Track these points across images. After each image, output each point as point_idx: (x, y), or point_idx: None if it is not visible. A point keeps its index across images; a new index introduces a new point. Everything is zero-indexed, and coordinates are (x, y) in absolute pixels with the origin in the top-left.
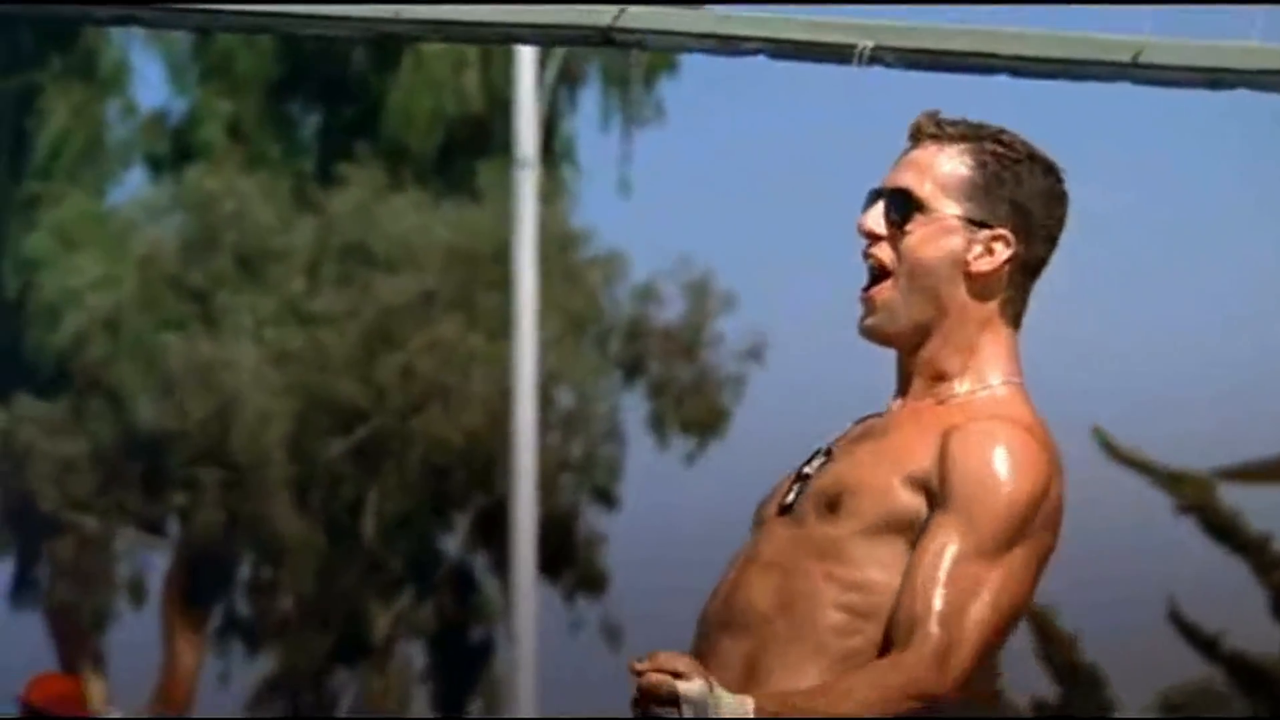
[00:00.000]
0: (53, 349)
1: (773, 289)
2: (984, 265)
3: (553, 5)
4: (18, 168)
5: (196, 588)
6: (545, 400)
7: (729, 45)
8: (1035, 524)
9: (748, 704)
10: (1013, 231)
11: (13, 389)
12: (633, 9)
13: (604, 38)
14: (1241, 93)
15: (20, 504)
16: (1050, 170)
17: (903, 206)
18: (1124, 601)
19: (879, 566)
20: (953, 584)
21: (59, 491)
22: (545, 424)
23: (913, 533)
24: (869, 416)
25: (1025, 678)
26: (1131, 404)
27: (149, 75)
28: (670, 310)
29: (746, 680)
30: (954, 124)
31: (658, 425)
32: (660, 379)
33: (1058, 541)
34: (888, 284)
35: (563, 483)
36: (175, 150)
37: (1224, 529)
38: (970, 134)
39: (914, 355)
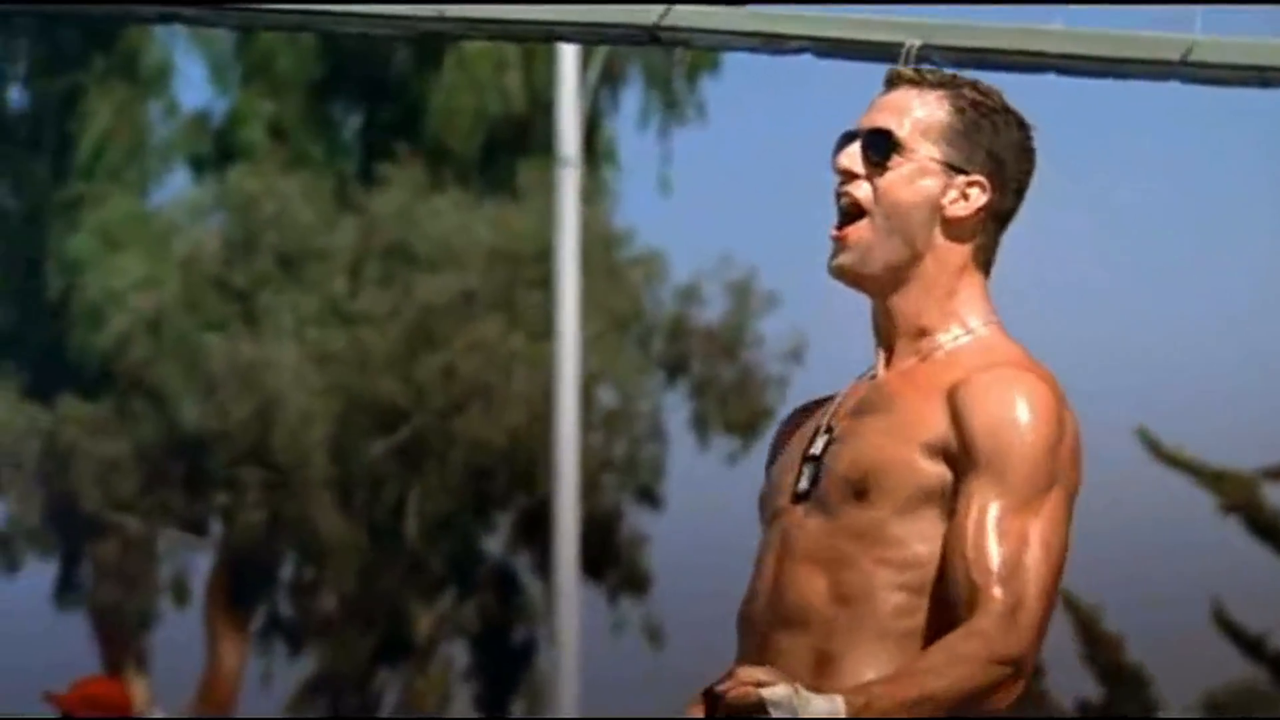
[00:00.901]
0: (96, 350)
1: (815, 289)
2: (960, 210)
3: (598, 4)
4: (61, 169)
5: (239, 588)
6: (587, 400)
7: (774, 44)
8: (1061, 463)
9: (837, 701)
10: (987, 179)
11: (56, 389)
12: (678, 7)
13: (649, 36)
14: None
15: (64, 505)
16: (1022, 125)
17: (882, 146)
18: (1168, 602)
19: (922, 541)
20: (1002, 542)
21: (102, 492)
22: (587, 424)
23: (943, 501)
24: (860, 379)
25: (1070, 678)
26: (1173, 403)
27: (191, 76)
28: (712, 310)
29: (817, 674)
30: (931, 71)
31: (700, 425)
32: (702, 379)
33: (1083, 475)
34: (863, 223)
35: (605, 483)
36: (217, 150)
37: (1268, 528)
38: (948, 81)
39: (891, 307)
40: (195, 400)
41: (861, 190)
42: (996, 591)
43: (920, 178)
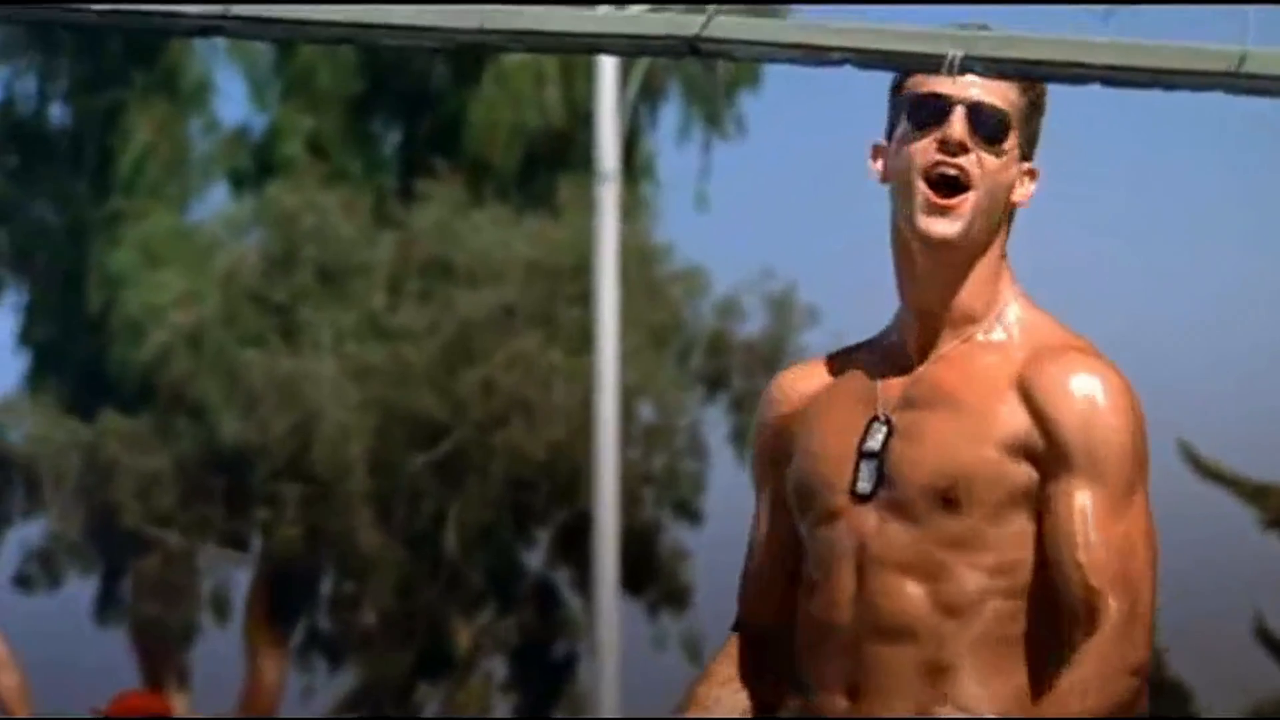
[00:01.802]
0: (137, 364)
1: (855, 302)
2: (1020, 196)
3: (639, 3)
4: (102, 184)
5: (279, 603)
6: (627, 415)
7: (816, 55)
8: (1142, 453)
9: None
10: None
11: (97, 404)
12: (720, 18)
13: (690, 48)
14: None
15: (104, 519)
16: None
17: (996, 124)
18: (1210, 616)
19: (1017, 544)
20: (1108, 547)
21: (143, 506)
22: (627, 438)
23: (1029, 500)
24: (872, 350)
25: None
26: (1217, 414)
27: (231, 91)
28: (752, 324)
29: (929, 685)
30: None
31: (740, 440)
32: (742, 393)
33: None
34: (971, 196)
35: (645, 497)
36: (257, 166)
37: None
38: None
39: (951, 288)
40: (235, 415)
41: (973, 164)
42: (1114, 601)
43: (1013, 163)
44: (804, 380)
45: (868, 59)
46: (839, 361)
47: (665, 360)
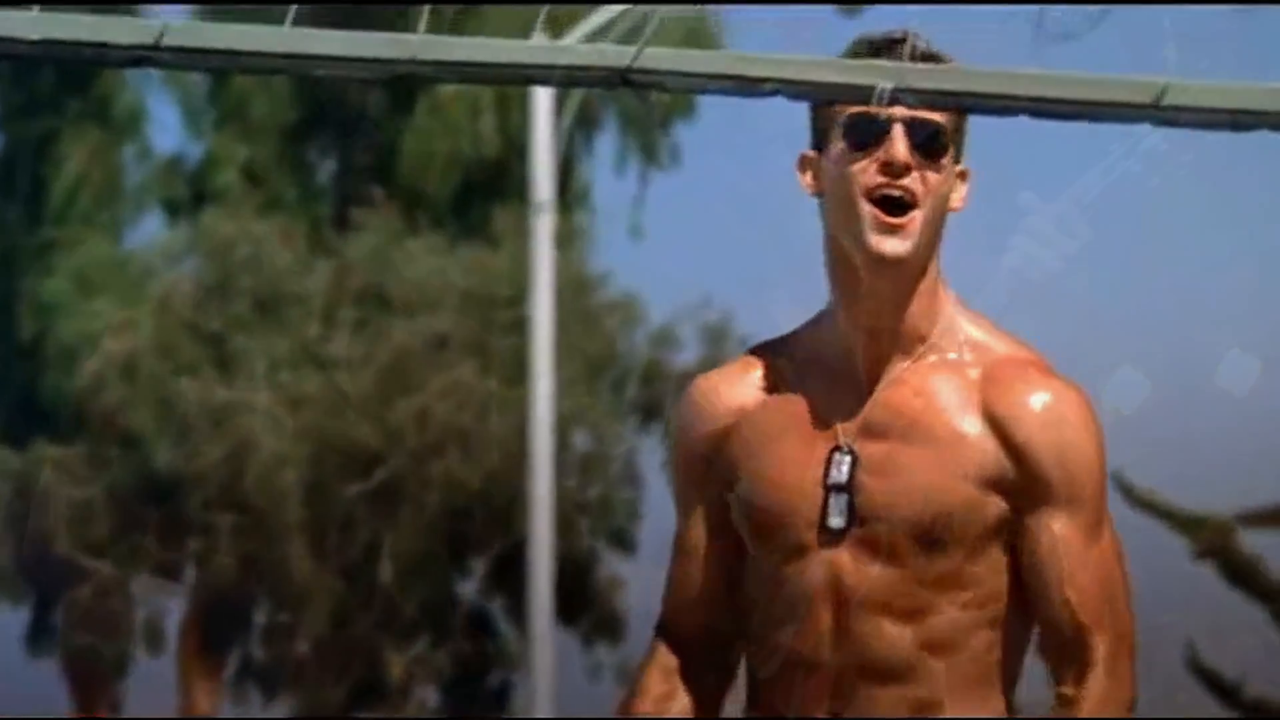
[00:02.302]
0: (69, 393)
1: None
2: (957, 202)
3: (571, 41)
4: (35, 213)
5: (212, 633)
6: (562, 444)
7: (747, 86)
8: (1106, 469)
9: None
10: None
11: (30, 433)
12: (652, 49)
13: (622, 79)
14: (1263, 134)
15: (36, 548)
16: None
17: (935, 141)
18: (1142, 647)
19: (995, 575)
20: (1089, 579)
21: (75, 536)
22: (562, 468)
23: (1004, 531)
24: (812, 364)
25: None
26: (1149, 445)
27: (165, 119)
28: (688, 353)
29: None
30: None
31: None
32: None
33: None
34: (918, 214)
35: (580, 526)
36: (192, 194)
37: (1244, 574)
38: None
39: (900, 307)
40: (168, 444)
41: (917, 183)
42: (1102, 637)
43: (951, 175)
44: (728, 387)
45: (799, 90)
46: (762, 369)
47: (600, 389)
